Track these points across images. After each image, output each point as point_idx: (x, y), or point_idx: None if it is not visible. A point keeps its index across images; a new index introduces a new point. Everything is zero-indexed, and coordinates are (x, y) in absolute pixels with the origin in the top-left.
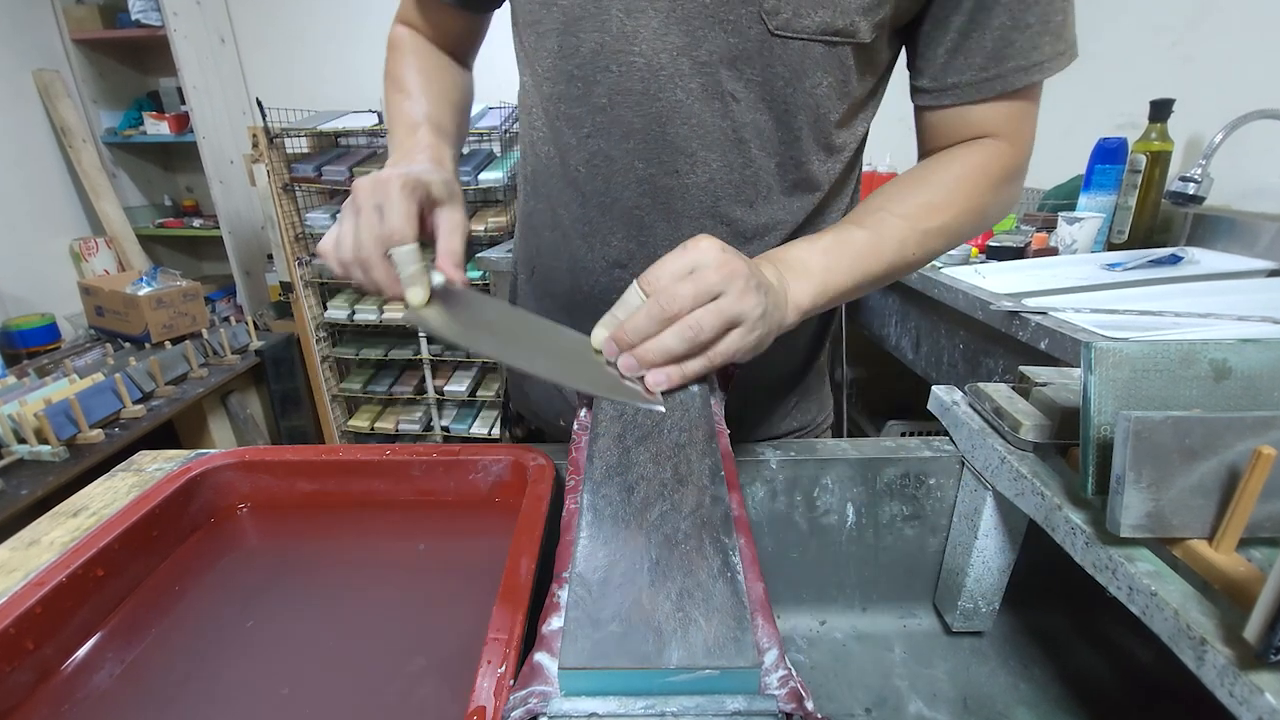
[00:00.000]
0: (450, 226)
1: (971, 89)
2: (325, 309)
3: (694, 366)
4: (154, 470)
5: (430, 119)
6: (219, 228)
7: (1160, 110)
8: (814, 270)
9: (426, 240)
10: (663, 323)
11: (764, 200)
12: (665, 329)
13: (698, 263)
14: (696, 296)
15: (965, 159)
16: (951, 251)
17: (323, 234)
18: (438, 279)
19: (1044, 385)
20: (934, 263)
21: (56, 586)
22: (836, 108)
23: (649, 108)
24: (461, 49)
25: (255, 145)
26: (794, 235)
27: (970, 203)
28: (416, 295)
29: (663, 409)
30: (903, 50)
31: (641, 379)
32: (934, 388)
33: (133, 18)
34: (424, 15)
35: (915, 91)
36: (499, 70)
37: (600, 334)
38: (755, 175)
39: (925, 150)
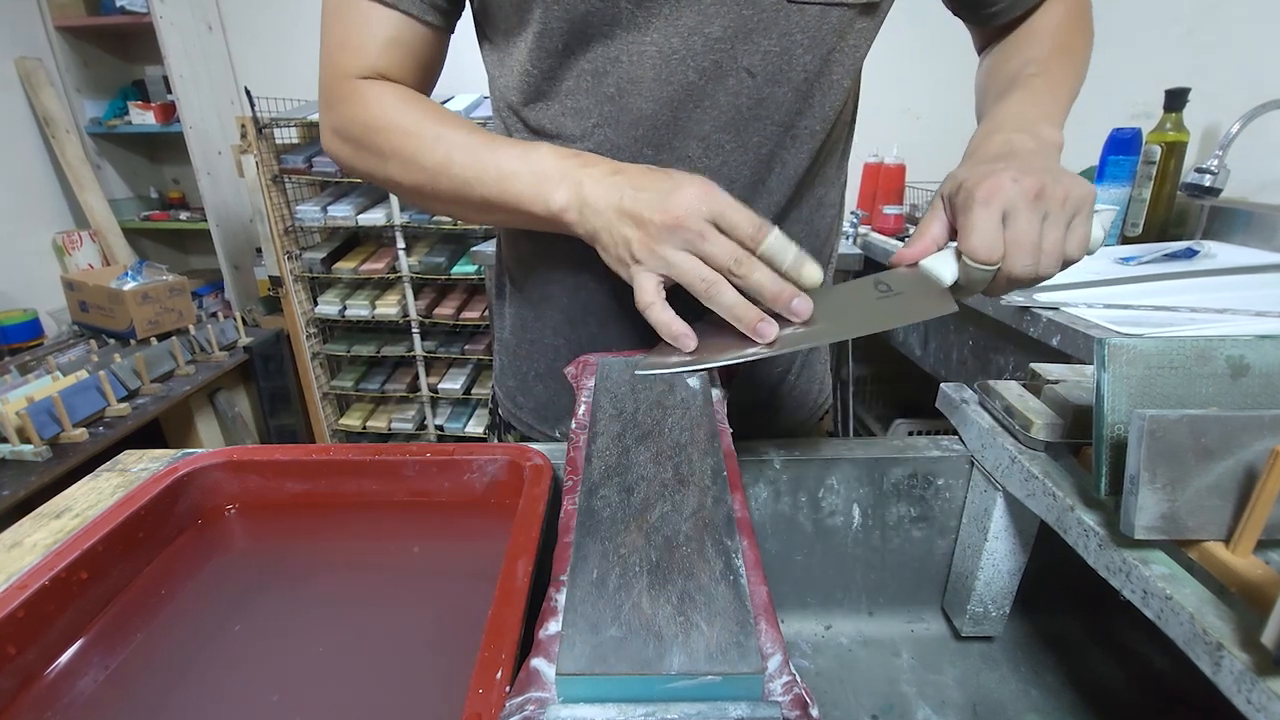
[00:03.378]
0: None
1: None
2: (316, 304)
3: (1054, 263)
4: (139, 470)
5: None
6: (206, 220)
7: (1175, 100)
8: (1039, 117)
9: None
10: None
11: (777, 178)
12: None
13: (1006, 206)
14: (1037, 232)
15: (1057, 7)
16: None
17: (313, 226)
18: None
19: (1056, 383)
20: None
21: (39, 590)
22: (850, 73)
23: (660, 92)
24: (433, 83)
25: (244, 136)
26: (789, 208)
27: (1084, 36)
28: (816, 269)
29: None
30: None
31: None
32: (942, 385)
33: (117, 4)
34: (397, 53)
35: (982, 11)
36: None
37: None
38: (770, 153)
39: (993, 32)
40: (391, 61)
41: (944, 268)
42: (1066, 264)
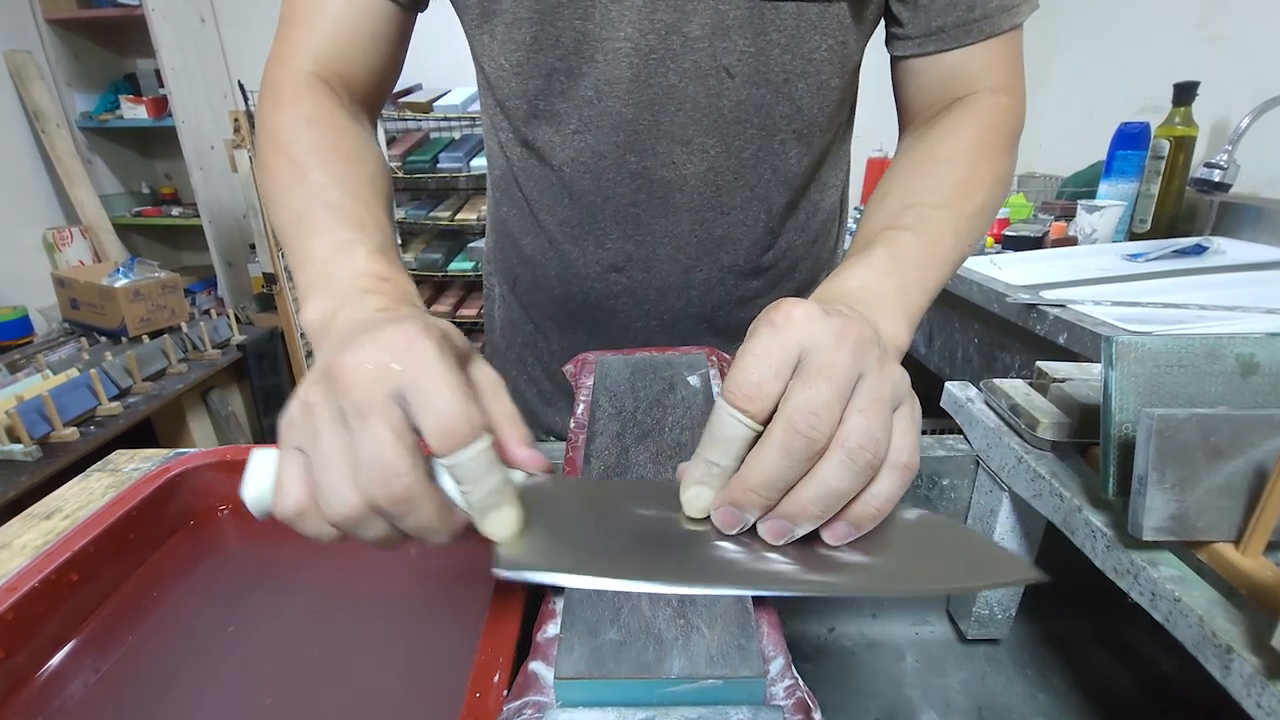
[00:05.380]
0: (493, 385)
1: (959, 31)
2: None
3: (873, 508)
4: (131, 470)
5: (373, 226)
6: (199, 216)
7: (1184, 93)
8: (890, 298)
9: None
10: (810, 458)
11: (766, 183)
12: (817, 465)
13: (805, 342)
14: (841, 395)
15: (973, 122)
16: None
17: None
18: (516, 476)
19: (1063, 381)
20: None
21: (29, 592)
22: (838, 72)
23: (640, 95)
24: (395, 66)
25: (237, 130)
26: (785, 215)
27: (995, 172)
28: (509, 519)
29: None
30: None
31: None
32: (947, 384)
33: None
34: (351, 28)
35: (896, 40)
36: None
37: (702, 496)
38: (756, 156)
39: (911, 109)
40: (347, 39)
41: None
42: (888, 486)
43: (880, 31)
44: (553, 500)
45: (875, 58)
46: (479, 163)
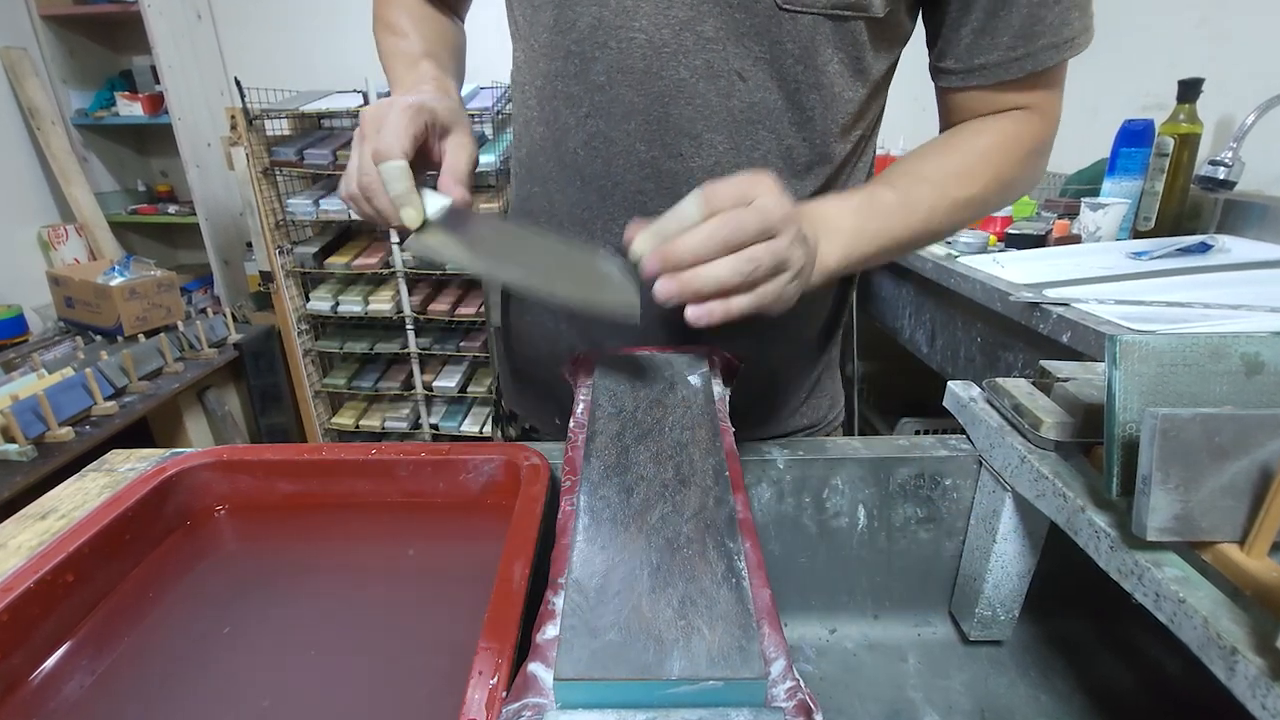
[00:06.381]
0: (455, 146)
1: (1001, 69)
2: (307, 300)
3: (741, 303)
4: (127, 470)
5: (430, 55)
6: (195, 214)
7: (1189, 90)
8: (844, 230)
9: (435, 169)
10: (722, 249)
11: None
12: (722, 256)
13: (761, 197)
14: (760, 230)
15: (997, 128)
16: (968, 240)
17: (305, 220)
18: (441, 201)
19: (1066, 381)
20: (951, 251)
21: (24, 593)
22: (851, 86)
23: (651, 86)
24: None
25: (234, 127)
26: None
27: (1000, 174)
28: (410, 216)
29: (637, 319)
30: (919, 25)
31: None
32: (950, 383)
33: None
34: None
35: (939, 73)
36: (490, 48)
37: (644, 243)
38: (764, 159)
39: (948, 127)
40: None
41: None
42: (743, 303)
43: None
44: (485, 227)
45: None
46: (484, 158)
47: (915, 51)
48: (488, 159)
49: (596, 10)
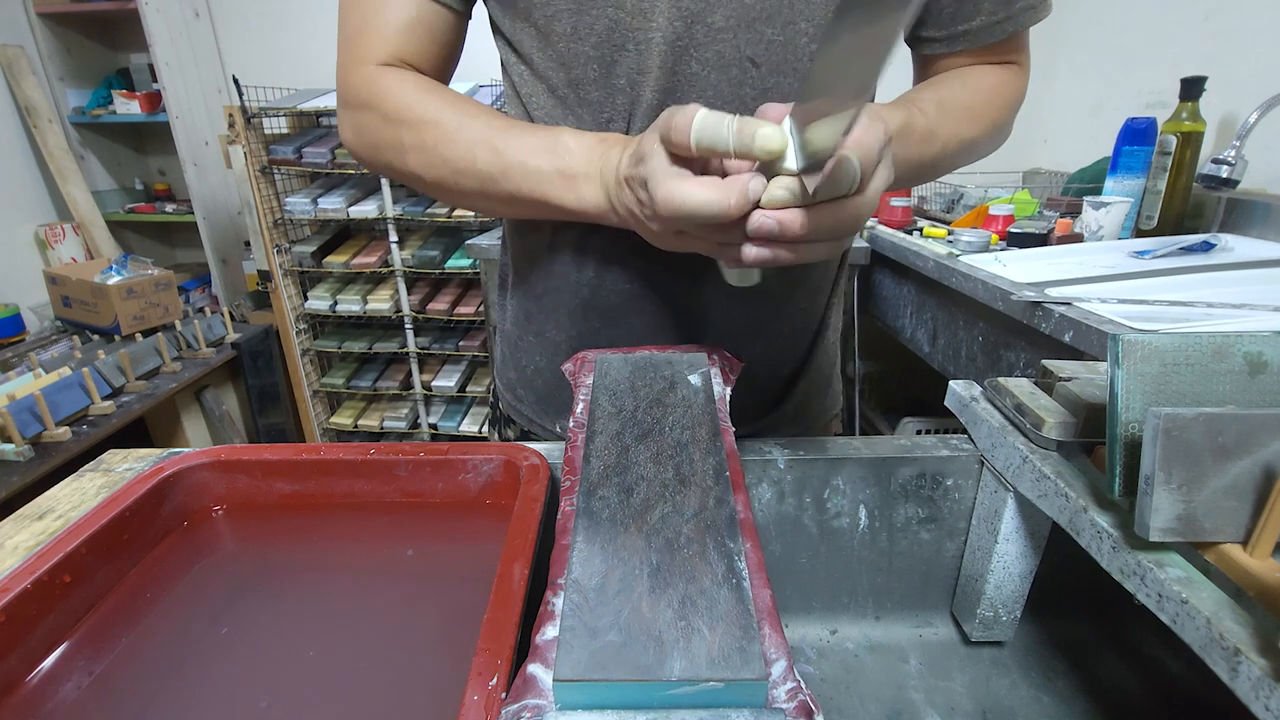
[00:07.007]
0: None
1: (985, 33)
2: (306, 299)
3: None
4: (124, 470)
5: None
6: (193, 213)
7: (1191, 88)
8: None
9: None
10: (833, 236)
11: None
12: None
13: (878, 177)
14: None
15: (995, 76)
16: (970, 239)
17: (303, 219)
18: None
19: (1068, 380)
20: (952, 250)
21: (20, 594)
22: None
23: (665, 83)
24: (453, 68)
25: (231, 125)
26: None
27: (995, 120)
28: (770, 134)
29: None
30: None
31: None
32: (951, 383)
33: None
34: (418, 35)
35: (921, 41)
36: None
37: (778, 194)
38: None
39: None
40: (411, 46)
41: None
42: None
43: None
44: None
45: None
46: None
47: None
48: None
49: (613, 13)
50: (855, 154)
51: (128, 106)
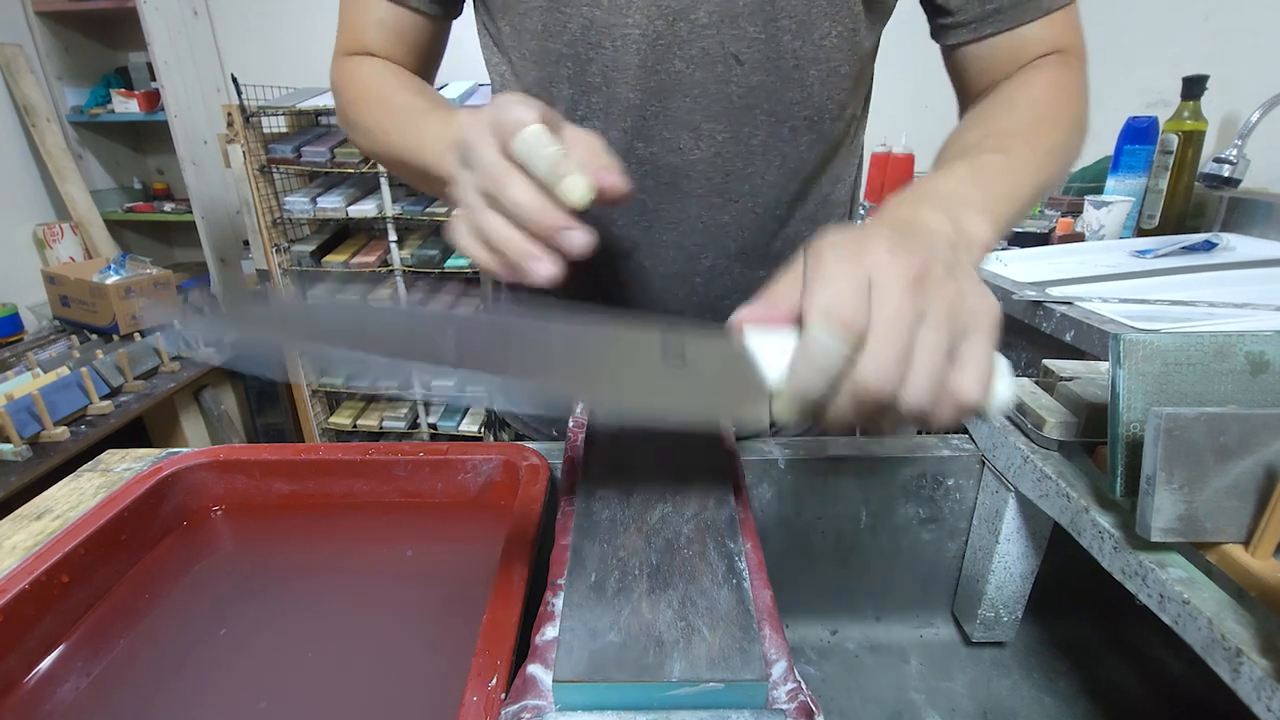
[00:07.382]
0: (583, 134)
1: (1017, 10)
2: (305, 299)
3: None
4: (123, 470)
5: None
6: (191, 212)
7: (1193, 87)
8: (974, 200)
9: None
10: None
11: (775, 171)
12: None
13: (875, 275)
14: (908, 350)
15: (1042, 76)
16: None
17: (302, 218)
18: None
19: (1070, 380)
20: None
21: (19, 594)
22: (848, 60)
23: (647, 82)
24: (428, 68)
25: (230, 124)
26: (794, 205)
27: (1072, 116)
28: (573, 185)
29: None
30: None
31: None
32: None
33: None
34: (384, 35)
35: (945, 30)
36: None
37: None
38: (765, 144)
39: (973, 94)
40: (380, 44)
41: (774, 353)
42: (949, 412)
43: (897, 24)
44: None
45: (882, 47)
46: None
47: (915, 51)
48: None
49: (588, 10)
50: (817, 322)
51: (126, 105)
